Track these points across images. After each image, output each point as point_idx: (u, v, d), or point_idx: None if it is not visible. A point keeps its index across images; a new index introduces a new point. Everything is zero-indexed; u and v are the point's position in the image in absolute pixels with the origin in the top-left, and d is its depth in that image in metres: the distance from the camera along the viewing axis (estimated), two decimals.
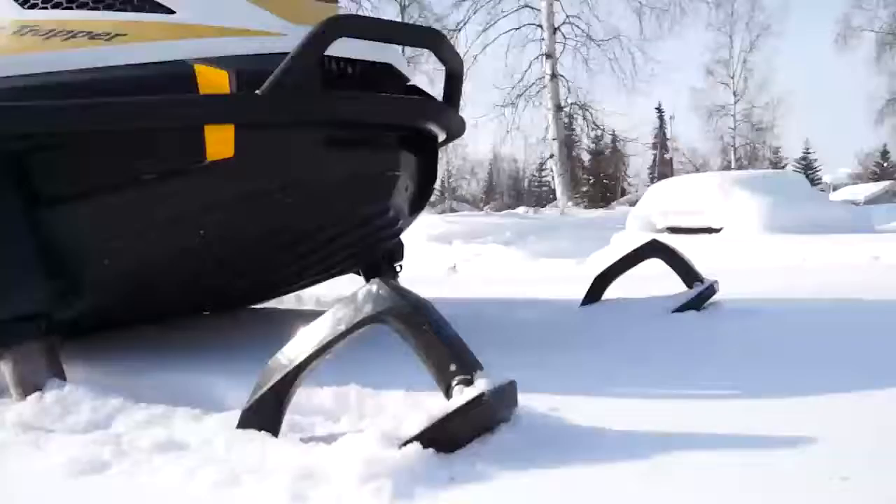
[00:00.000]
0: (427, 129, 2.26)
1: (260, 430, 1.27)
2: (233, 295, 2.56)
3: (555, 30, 19.34)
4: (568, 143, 22.28)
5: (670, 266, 2.67)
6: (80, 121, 1.69)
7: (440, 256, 7.11)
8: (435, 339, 1.17)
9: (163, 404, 1.56)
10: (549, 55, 19.05)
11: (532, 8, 19.87)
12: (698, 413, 1.39)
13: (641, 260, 2.74)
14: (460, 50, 16.47)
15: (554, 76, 18.93)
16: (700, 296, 2.53)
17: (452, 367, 1.15)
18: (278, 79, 1.76)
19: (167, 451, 1.25)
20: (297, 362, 1.26)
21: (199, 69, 1.77)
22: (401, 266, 2.90)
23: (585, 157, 37.79)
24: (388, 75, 2.21)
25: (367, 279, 2.84)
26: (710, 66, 29.65)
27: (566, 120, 21.15)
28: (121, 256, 1.87)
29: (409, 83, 2.34)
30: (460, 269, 6.48)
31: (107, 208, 1.80)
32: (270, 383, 1.27)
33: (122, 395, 1.61)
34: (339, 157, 1.98)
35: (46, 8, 1.88)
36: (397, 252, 2.86)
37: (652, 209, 8.51)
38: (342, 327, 1.23)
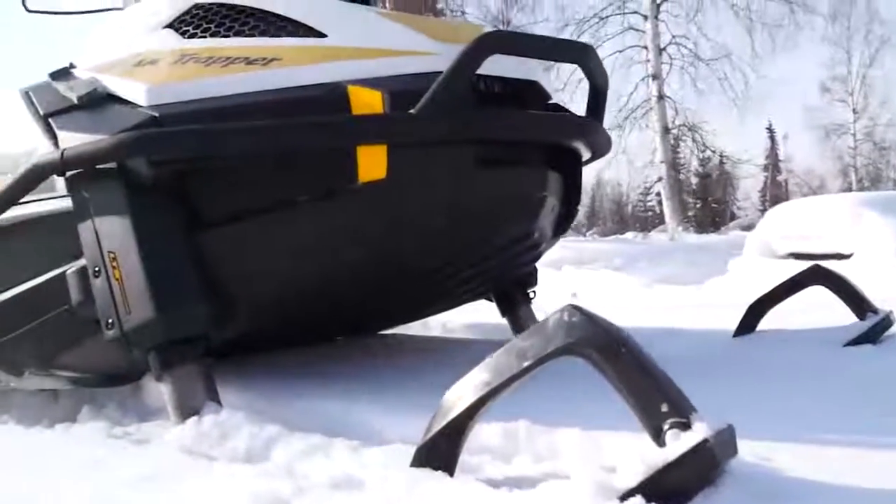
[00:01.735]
0: (574, 147, 2.15)
1: (436, 469, 1.17)
2: (371, 319, 2.51)
3: (661, 50, 18.89)
4: (675, 165, 21.64)
5: (837, 294, 2.41)
6: (241, 144, 1.68)
7: (552, 282, 6.95)
8: (640, 374, 1.04)
9: (316, 433, 1.49)
10: (655, 76, 18.59)
11: (636, 30, 19.50)
12: None
13: (802, 287, 2.50)
14: (565, 75, 16.35)
15: (661, 97, 18.42)
16: (876, 327, 2.28)
17: (664, 408, 1.00)
18: (432, 97, 1.71)
19: (345, 489, 1.17)
20: (476, 397, 1.15)
21: (352, 90, 1.74)
22: (534, 292, 2.77)
23: (693, 180, 36.61)
24: (532, 93, 2.12)
25: (500, 305, 2.73)
26: (826, 83, 28.26)
27: (673, 142, 20.55)
28: (272, 279, 1.85)
29: (550, 101, 2.25)
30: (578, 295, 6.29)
31: (260, 230, 1.78)
32: (447, 419, 1.16)
33: (274, 421, 1.56)
34: (489, 176, 1.90)
35: (205, 37, 1.90)
36: (532, 277, 2.74)
37: (772, 234, 7.96)
38: (529, 359, 1.11)
